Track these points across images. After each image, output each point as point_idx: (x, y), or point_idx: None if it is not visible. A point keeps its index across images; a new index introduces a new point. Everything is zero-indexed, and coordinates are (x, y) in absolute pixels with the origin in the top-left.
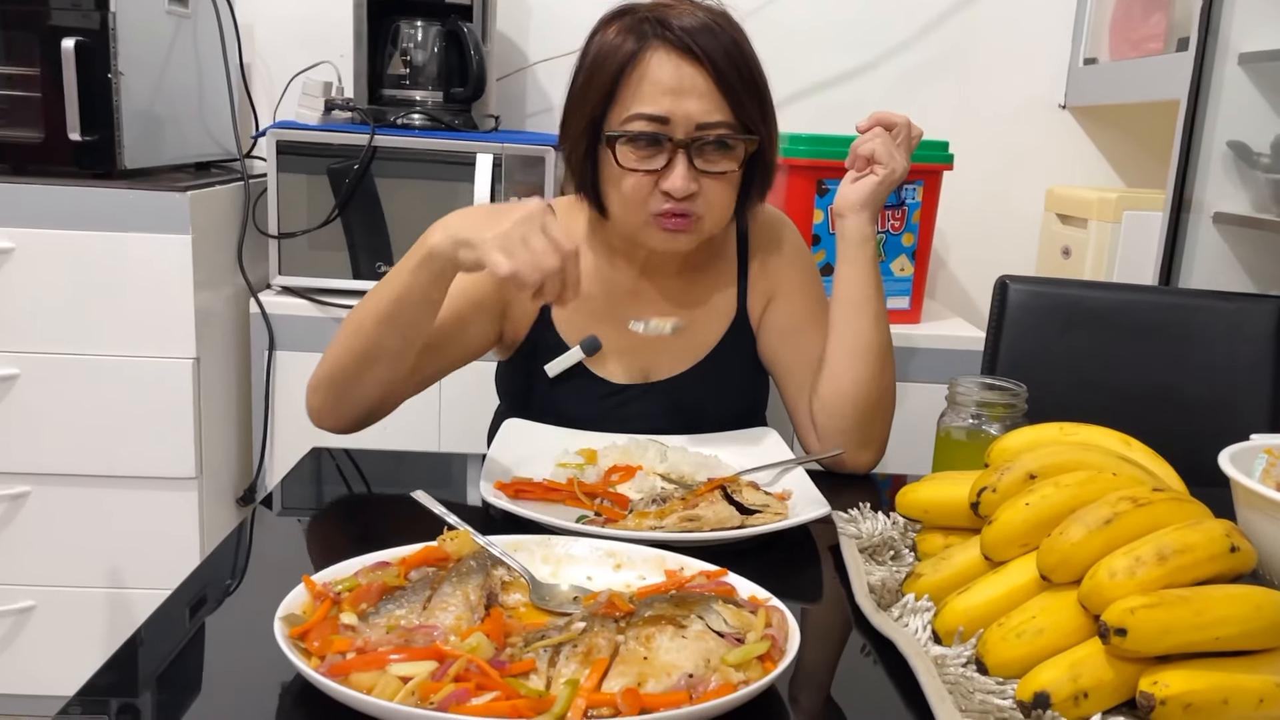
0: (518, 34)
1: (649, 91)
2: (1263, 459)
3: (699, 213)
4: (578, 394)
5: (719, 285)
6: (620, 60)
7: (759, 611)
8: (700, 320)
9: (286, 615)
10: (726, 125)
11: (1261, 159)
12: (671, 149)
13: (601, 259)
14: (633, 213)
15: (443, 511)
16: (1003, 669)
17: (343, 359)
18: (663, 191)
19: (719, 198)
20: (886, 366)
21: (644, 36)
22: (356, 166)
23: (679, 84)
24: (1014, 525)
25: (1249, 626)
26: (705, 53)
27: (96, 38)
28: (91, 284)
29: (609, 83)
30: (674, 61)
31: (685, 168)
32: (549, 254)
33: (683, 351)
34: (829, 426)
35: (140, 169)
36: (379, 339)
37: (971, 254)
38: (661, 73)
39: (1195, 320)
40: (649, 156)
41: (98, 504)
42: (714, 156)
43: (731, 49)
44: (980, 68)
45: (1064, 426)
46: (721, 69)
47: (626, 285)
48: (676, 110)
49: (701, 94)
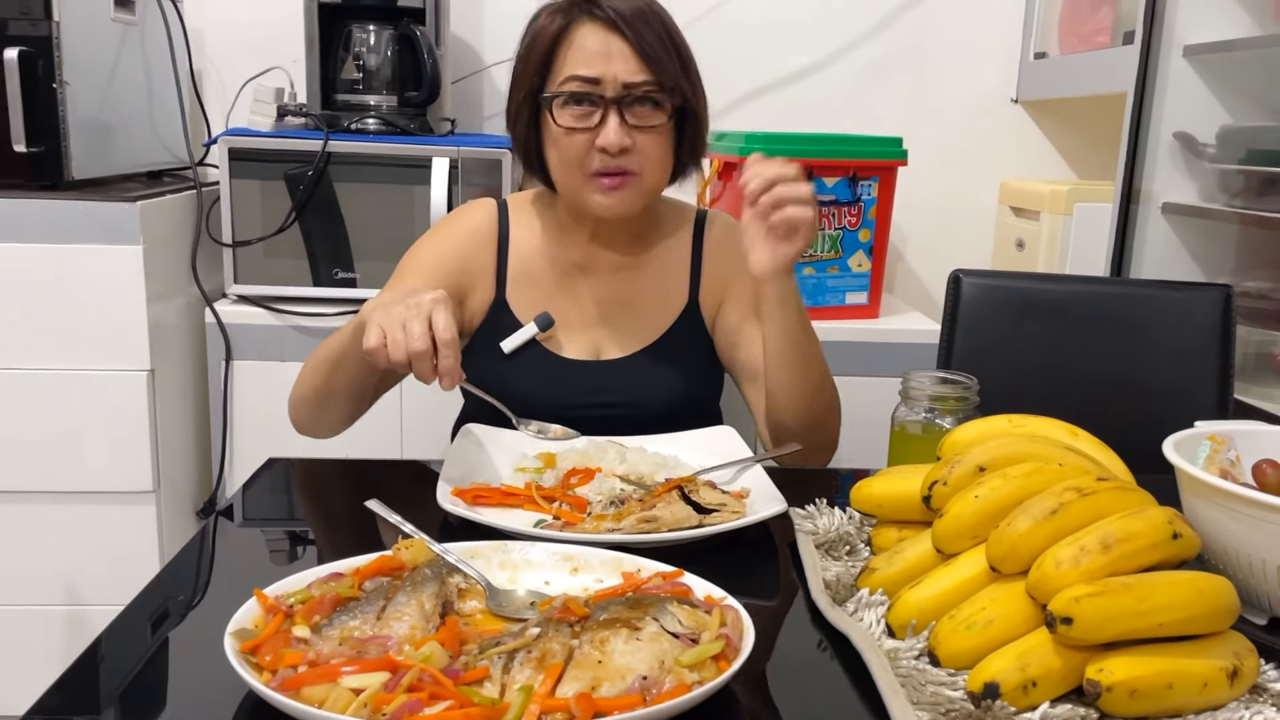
0: (472, 36)
1: (579, 57)
2: (1206, 446)
3: (635, 169)
4: (530, 369)
5: (670, 271)
6: (552, 34)
7: (714, 611)
8: (650, 304)
9: (238, 630)
10: (652, 83)
11: (1207, 150)
12: (605, 105)
13: (551, 238)
14: (572, 173)
15: (398, 520)
16: (954, 660)
17: (307, 390)
18: (599, 149)
19: (653, 152)
20: (823, 392)
21: (572, 14)
22: (310, 173)
23: (606, 49)
24: (964, 518)
25: (1191, 612)
26: (628, 24)
27: (41, 46)
28: (42, 297)
29: (543, 55)
30: (601, 32)
31: (617, 123)
32: (420, 339)
33: (633, 332)
34: (779, 441)
35: (89, 179)
36: (333, 381)
37: (928, 248)
38: (589, 41)
39: (1144, 310)
40: (584, 115)
41: (54, 520)
42: (644, 112)
43: (653, 20)
44: (933, 63)
45: (1013, 418)
46: (644, 36)
47: (576, 260)
48: (606, 71)
49: (627, 57)
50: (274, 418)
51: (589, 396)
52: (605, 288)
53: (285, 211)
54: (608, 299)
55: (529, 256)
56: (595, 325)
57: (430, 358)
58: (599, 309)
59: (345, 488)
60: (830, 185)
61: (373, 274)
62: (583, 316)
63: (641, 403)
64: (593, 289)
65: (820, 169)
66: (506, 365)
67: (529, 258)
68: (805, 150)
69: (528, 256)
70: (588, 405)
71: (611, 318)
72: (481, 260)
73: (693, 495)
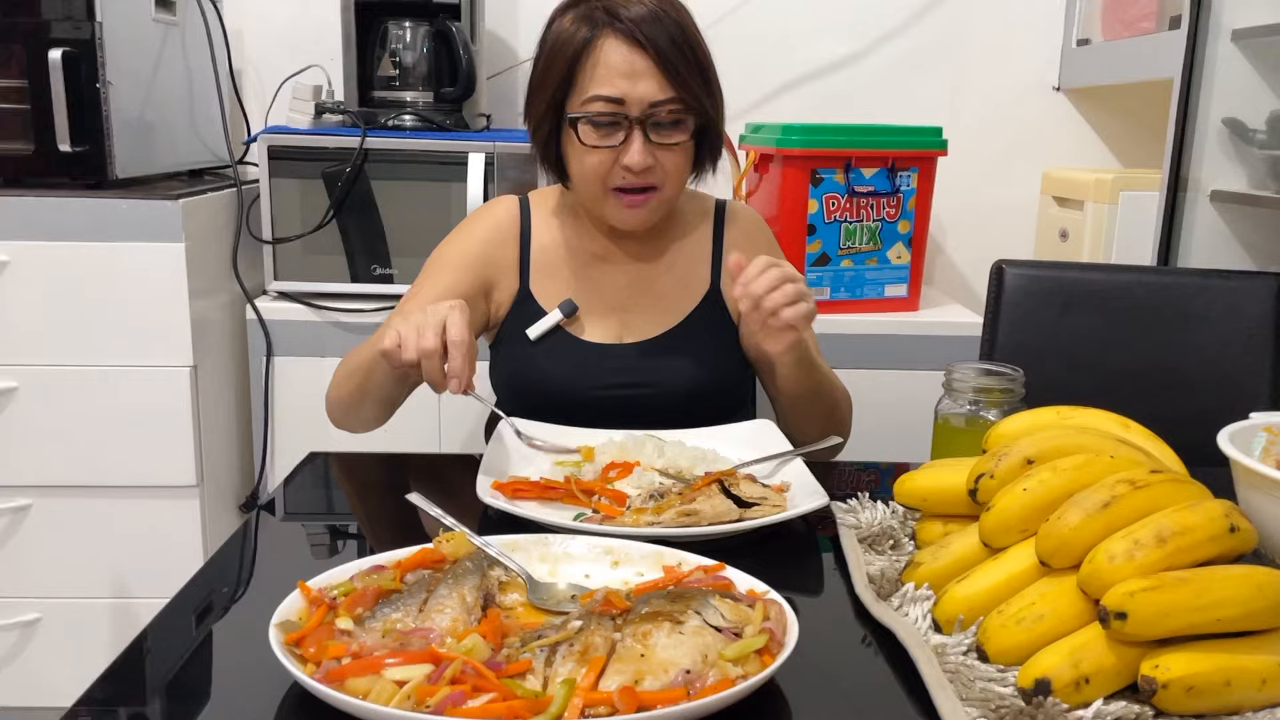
0: (507, 32)
1: (604, 75)
2: (1262, 437)
3: (657, 183)
4: (556, 354)
5: (691, 259)
6: (576, 47)
7: (757, 605)
8: (671, 290)
9: (282, 622)
10: (676, 102)
11: (1257, 135)
12: (628, 126)
13: (571, 231)
14: (595, 186)
15: (438, 513)
16: (1003, 656)
17: (340, 394)
18: (623, 167)
19: (673, 167)
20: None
21: (596, 25)
22: (348, 170)
23: (631, 68)
24: (1012, 511)
25: (1250, 607)
26: (651, 41)
27: (84, 48)
28: (87, 295)
29: (566, 68)
30: (624, 48)
31: (642, 143)
32: (431, 339)
33: (654, 317)
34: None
35: (132, 178)
36: (365, 388)
37: (969, 239)
38: (614, 58)
39: (1193, 300)
40: (608, 134)
41: (100, 515)
42: (667, 131)
43: (676, 34)
44: (973, 52)
45: (1061, 410)
46: (667, 54)
47: (596, 251)
48: (631, 92)
49: (651, 74)
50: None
51: (613, 378)
52: (626, 276)
53: (324, 208)
54: (629, 286)
55: (550, 248)
56: (617, 311)
57: (440, 357)
58: (620, 296)
59: (385, 481)
60: (869, 176)
61: (410, 270)
62: (605, 303)
63: (665, 385)
64: (614, 277)
65: (859, 160)
66: (533, 351)
67: (550, 249)
68: (843, 141)
69: (549, 248)
70: (612, 386)
71: (633, 303)
72: (505, 254)
73: (733, 489)
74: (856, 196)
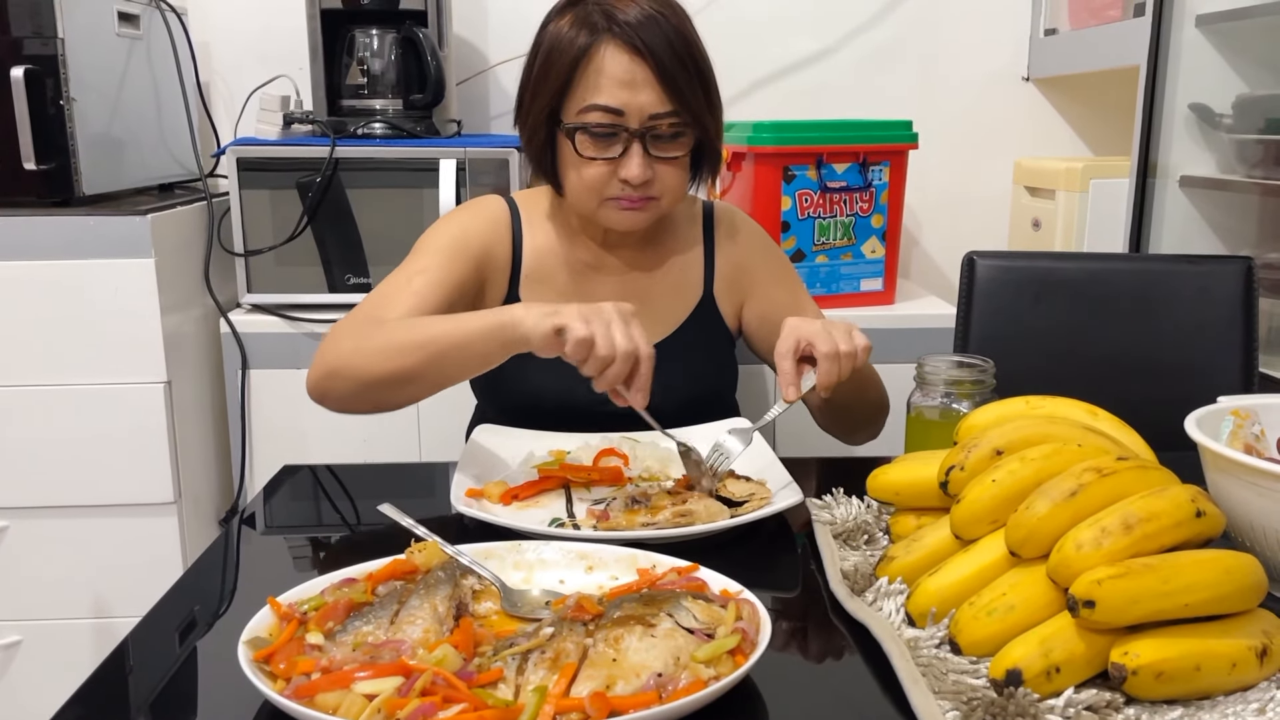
0: (476, 36)
1: (603, 84)
2: (1229, 421)
3: (655, 194)
4: (549, 364)
5: (683, 263)
6: (574, 54)
7: (730, 605)
8: (665, 298)
9: (252, 638)
10: (676, 114)
11: (1224, 120)
12: (627, 138)
13: (562, 238)
14: (591, 196)
15: (410, 523)
16: (976, 648)
17: (375, 371)
18: (621, 180)
19: (672, 180)
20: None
21: (595, 30)
22: (320, 180)
23: (631, 78)
24: (982, 502)
25: (1218, 591)
26: (650, 49)
27: (47, 65)
28: (57, 313)
29: (564, 75)
30: (624, 56)
31: (641, 156)
32: (630, 341)
33: (648, 326)
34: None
35: (100, 194)
36: (423, 371)
37: (943, 231)
38: (613, 66)
39: (1164, 285)
40: (606, 146)
41: (78, 534)
42: (666, 144)
43: (676, 41)
44: (941, 45)
45: (1030, 400)
46: (667, 64)
47: (588, 260)
48: (630, 103)
49: (651, 86)
50: (292, 425)
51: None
52: (618, 285)
53: (296, 219)
54: (622, 295)
55: (542, 255)
56: None
57: (632, 362)
58: None
59: (362, 492)
60: (841, 172)
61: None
62: None
63: (660, 394)
64: (606, 287)
65: (830, 155)
66: (524, 359)
67: (542, 256)
68: (814, 137)
69: (541, 255)
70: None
71: None
72: (500, 253)
73: (720, 492)
74: (829, 192)
